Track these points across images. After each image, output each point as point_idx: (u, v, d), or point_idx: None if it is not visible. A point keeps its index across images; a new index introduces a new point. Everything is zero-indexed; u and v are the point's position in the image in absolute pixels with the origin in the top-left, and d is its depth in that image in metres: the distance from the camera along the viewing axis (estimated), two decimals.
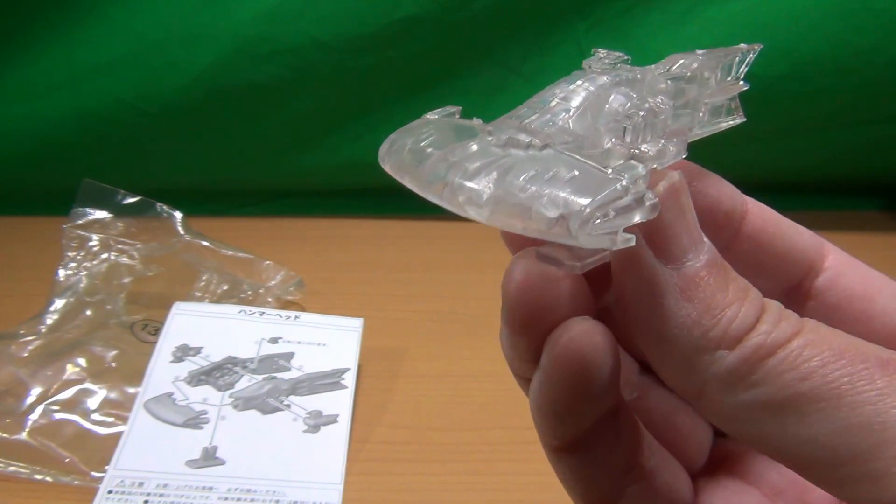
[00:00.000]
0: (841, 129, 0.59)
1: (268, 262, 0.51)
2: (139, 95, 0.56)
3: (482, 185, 0.16)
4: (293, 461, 0.37)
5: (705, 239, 0.17)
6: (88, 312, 0.45)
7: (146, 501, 0.35)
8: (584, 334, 0.17)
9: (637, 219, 0.15)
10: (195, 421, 0.39)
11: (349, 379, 0.42)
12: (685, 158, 0.18)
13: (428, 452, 0.40)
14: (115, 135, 0.58)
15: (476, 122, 0.19)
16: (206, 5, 0.54)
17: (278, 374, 0.42)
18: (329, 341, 0.44)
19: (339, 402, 0.41)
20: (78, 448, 0.37)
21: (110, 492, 0.35)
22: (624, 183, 0.15)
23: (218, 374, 0.41)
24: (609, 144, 0.17)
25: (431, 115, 0.19)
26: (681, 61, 0.20)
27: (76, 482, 0.36)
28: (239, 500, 0.35)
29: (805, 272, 0.20)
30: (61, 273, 0.47)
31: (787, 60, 0.53)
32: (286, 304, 0.51)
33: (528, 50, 0.57)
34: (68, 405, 0.39)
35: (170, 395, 0.40)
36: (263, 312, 0.45)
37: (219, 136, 0.59)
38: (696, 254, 0.17)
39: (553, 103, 0.18)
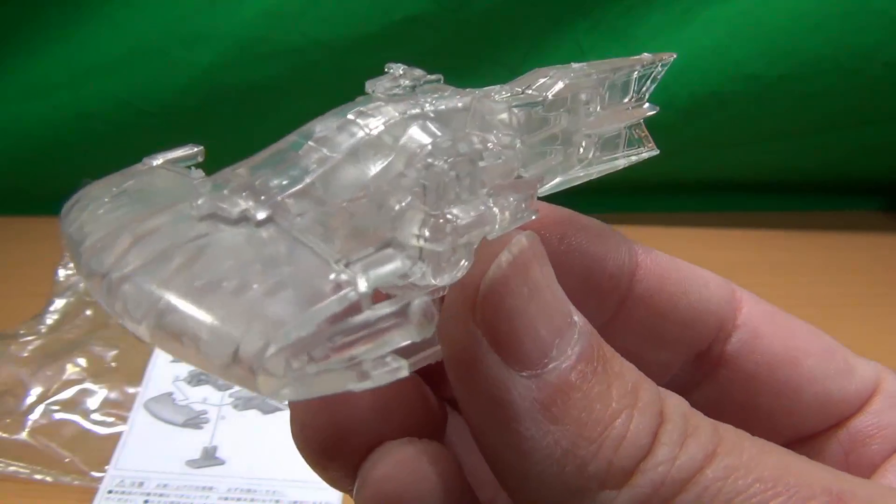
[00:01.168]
0: (841, 130, 0.59)
1: None
2: (139, 95, 0.56)
3: (149, 286, 0.10)
4: (293, 461, 0.37)
5: (576, 318, 0.12)
6: (88, 312, 0.45)
7: (146, 501, 0.35)
8: (401, 467, 0.12)
9: (398, 342, 0.10)
10: (195, 421, 0.38)
11: None
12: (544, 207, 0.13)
13: None
14: (115, 135, 0.57)
15: (195, 174, 0.13)
16: (206, 5, 0.54)
17: None
18: None
19: None
20: (78, 448, 0.37)
21: (110, 492, 0.35)
22: (362, 289, 0.10)
23: None
24: (399, 207, 0.12)
25: (153, 160, 0.14)
26: (541, 80, 0.14)
27: (76, 482, 0.36)
28: (239, 500, 0.35)
29: (714, 333, 0.16)
30: (61, 273, 0.47)
31: (787, 60, 0.53)
32: None
33: (528, 50, 0.57)
34: (68, 405, 0.39)
35: (170, 394, 0.40)
36: None
37: (219, 136, 0.59)
38: (563, 348, 0.11)
39: (301, 149, 0.12)
